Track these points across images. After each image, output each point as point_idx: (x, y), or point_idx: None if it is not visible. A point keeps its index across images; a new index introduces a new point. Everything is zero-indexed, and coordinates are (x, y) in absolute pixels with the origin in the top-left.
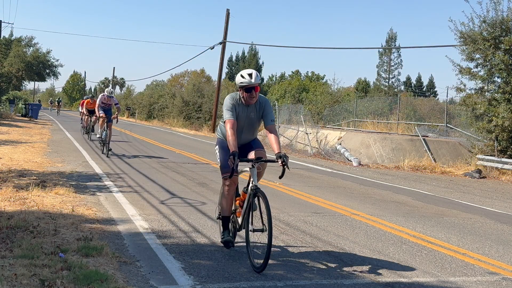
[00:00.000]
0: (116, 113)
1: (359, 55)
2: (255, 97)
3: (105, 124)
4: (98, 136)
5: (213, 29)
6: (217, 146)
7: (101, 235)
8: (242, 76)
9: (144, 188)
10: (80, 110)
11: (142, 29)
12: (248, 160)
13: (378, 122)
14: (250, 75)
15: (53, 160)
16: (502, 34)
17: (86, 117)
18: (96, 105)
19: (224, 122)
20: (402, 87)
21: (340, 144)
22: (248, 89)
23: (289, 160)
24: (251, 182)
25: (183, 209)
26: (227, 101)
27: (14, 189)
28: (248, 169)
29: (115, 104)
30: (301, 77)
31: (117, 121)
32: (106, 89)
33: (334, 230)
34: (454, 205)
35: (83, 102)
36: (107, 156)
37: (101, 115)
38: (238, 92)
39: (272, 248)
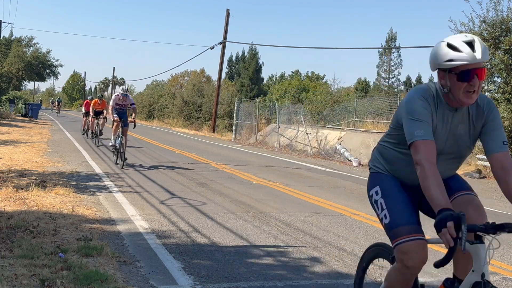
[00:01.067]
0: (133, 115)
1: (359, 55)
2: (476, 92)
3: (120, 129)
4: (111, 144)
5: (213, 29)
6: (376, 188)
7: (101, 235)
8: (452, 47)
9: (144, 188)
10: (83, 111)
11: (142, 29)
12: (481, 229)
13: (378, 122)
14: (470, 43)
15: (53, 160)
16: (502, 34)
17: (93, 119)
18: (110, 107)
19: (401, 143)
20: (402, 87)
21: (340, 144)
22: (465, 73)
23: (289, 160)
24: (472, 270)
25: (183, 209)
26: (415, 100)
27: (14, 189)
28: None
29: (131, 105)
30: (301, 77)
31: (134, 125)
32: (121, 87)
33: (334, 230)
34: None
35: (87, 102)
36: (122, 168)
37: (115, 118)
38: (432, 84)
39: (272, 248)
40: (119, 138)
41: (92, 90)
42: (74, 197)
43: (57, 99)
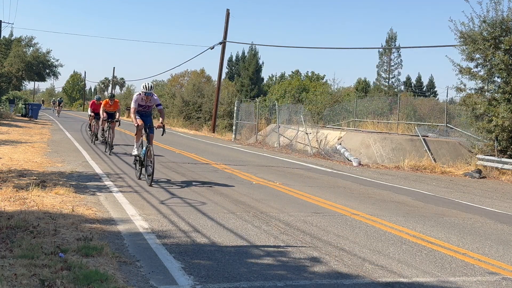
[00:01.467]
0: (161, 119)
1: (359, 55)
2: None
3: (144, 135)
4: (133, 153)
5: (213, 29)
6: None
7: (101, 235)
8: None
9: (144, 188)
10: (90, 113)
11: (142, 29)
12: None
13: (378, 122)
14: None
15: (53, 160)
16: (502, 34)
17: (104, 122)
18: (132, 109)
19: None
20: (402, 87)
21: (340, 144)
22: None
23: (289, 160)
24: None
25: (183, 209)
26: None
27: (14, 189)
28: None
29: (157, 106)
30: (301, 77)
31: (163, 131)
32: (144, 84)
33: (334, 230)
34: (454, 205)
35: (93, 102)
36: (150, 185)
37: (139, 123)
38: None
39: (272, 248)
40: (144, 147)
41: (92, 90)
42: (74, 197)
43: (58, 99)
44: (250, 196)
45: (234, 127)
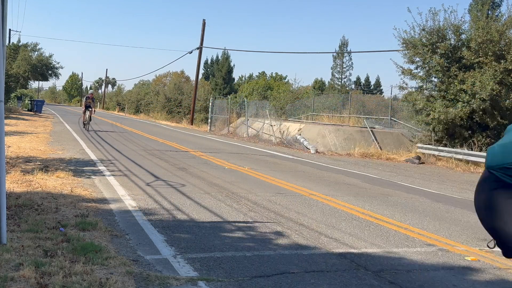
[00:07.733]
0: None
1: (316, 59)
2: None
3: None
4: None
5: (192, 36)
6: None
7: (95, 212)
8: None
9: (132, 172)
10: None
11: (131, 35)
12: None
13: (332, 116)
14: None
15: (54, 148)
16: (438, 41)
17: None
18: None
19: None
20: (353, 86)
21: (300, 134)
22: None
23: (256, 148)
24: None
25: (166, 190)
26: None
27: (21, 173)
28: None
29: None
30: (267, 77)
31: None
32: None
33: (295, 208)
34: (397, 187)
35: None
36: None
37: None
38: None
39: (241, 224)
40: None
41: (88, 88)
42: (73, 180)
43: (90, 91)
44: (223, 179)
45: (209, 120)
